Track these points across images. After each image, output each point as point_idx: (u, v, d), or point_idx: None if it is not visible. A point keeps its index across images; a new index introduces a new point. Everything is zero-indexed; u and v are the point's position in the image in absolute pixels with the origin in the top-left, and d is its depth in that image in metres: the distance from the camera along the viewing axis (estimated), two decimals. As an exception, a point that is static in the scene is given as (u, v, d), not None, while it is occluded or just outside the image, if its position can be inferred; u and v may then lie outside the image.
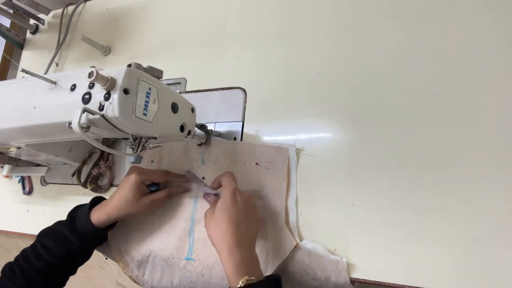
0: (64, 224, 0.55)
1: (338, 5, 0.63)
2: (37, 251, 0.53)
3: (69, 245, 0.53)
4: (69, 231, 0.54)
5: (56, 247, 0.53)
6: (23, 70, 0.45)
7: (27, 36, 0.99)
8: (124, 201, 0.54)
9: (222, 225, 0.47)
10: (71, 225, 0.54)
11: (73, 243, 0.53)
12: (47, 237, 0.54)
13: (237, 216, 0.47)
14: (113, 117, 0.41)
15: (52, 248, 0.53)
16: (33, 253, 0.53)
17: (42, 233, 0.56)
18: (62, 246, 0.53)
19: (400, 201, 0.49)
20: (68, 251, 0.53)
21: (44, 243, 0.53)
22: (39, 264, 0.52)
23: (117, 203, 0.54)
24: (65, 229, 0.54)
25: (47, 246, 0.53)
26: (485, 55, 0.51)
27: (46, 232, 0.56)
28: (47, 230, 0.56)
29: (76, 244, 0.53)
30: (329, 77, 0.59)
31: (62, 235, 0.54)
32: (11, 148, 0.64)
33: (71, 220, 0.55)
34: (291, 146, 0.56)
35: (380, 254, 0.48)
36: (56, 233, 0.54)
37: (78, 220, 0.55)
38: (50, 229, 0.56)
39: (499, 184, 0.46)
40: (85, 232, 0.54)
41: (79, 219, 0.55)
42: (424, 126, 0.51)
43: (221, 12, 0.74)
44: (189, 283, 0.56)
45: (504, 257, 0.43)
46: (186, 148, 0.63)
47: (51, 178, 0.77)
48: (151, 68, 0.48)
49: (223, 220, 0.47)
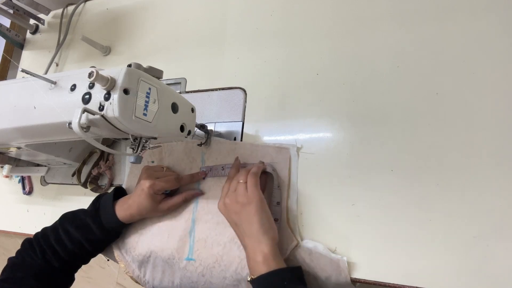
0: (88, 213, 0.56)
1: (338, 5, 0.63)
2: (58, 234, 0.54)
3: (91, 235, 0.54)
4: (92, 222, 0.54)
5: (77, 235, 0.54)
6: (23, 70, 0.45)
7: (27, 36, 0.99)
8: (144, 208, 0.56)
9: (251, 209, 0.47)
10: (95, 216, 0.55)
11: (95, 233, 0.54)
12: (70, 223, 0.55)
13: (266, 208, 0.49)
14: (113, 117, 0.41)
15: (73, 234, 0.54)
16: (53, 235, 0.54)
17: (65, 217, 0.56)
18: (83, 235, 0.54)
19: (400, 201, 0.49)
20: (88, 240, 0.54)
21: (66, 228, 0.54)
22: (58, 248, 0.53)
23: (139, 209, 0.55)
24: (89, 218, 0.55)
25: (69, 232, 0.54)
26: (485, 55, 0.51)
27: (69, 217, 0.56)
28: (71, 215, 0.57)
29: (98, 235, 0.54)
30: (329, 77, 0.59)
31: (85, 223, 0.55)
32: (11, 148, 0.64)
33: (95, 210, 0.56)
34: (292, 146, 0.56)
35: (380, 254, 0.48)
36: (80, 220, 0.55)
37: (103, 212, 0.56)
38: (74, 214, 0.57)
39: (499, 184, 0.46)
40: (108, 225, 0.55)
41: (104, 211, 0.56)
42: (424, 126, 0.51)
43: (221, 12, 0.74)
44: (190, 283, 0.56)
45: (504, 257, 0.43)
46: (186, 148, 0.63)
47: (51, 178, 0.77)
48: (151, 68, 0.48)
49: (254, 206, 0.47)
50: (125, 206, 0.56)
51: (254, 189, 0.49)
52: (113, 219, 0.55)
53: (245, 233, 0.47)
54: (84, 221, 0.55)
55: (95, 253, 0.59)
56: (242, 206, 0.48)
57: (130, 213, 0.55)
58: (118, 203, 0.57)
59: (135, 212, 0.55)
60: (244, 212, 0.47)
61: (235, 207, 0.49)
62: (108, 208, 0.56)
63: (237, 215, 0.48)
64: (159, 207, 0.57)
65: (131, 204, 0.56)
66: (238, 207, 0.48)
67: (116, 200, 0.57)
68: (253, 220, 0.47)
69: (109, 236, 0.58)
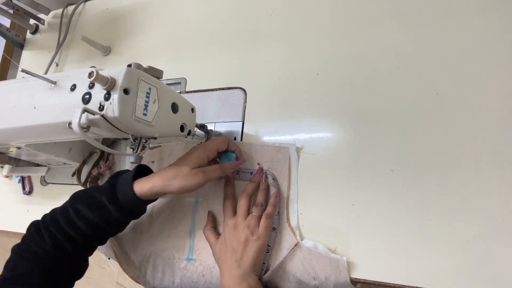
0: (102, 190, 0.49)
1: (338, 5, 0.63)
2: (69, 216, 0.48)
3: (106, 214, 0.48)
4: (108, 199, 0.48)
5: (91, 215, 0.48)
6: (23, 70, 0.45)
7: (27, 36, 0.99)
8: (175, 171, 0.49)
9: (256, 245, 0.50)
10: (111, 193, 0.48)
11: (110, 212, 0.48)
12: (81, 202, 0.49)
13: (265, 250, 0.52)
14: (113, 117, 0.41)
15: (87, 215, 0.48)
16: (64, 218, 0.48)
17: (76, 197, 0.50)
18: (97, 215, 0.48)
19: (400, 201, 0.49)
20: (104, 220, 0.48)
21: (77, 208, 0.48)
22: (70, 231, 0.48)
23: (166, 173, 0.49)
24: (104, 196, 0.48)
25: (81, 212, 0.48)
26: (485, 55, 0.51)
27: (80, 196, 0.50)
28: (82, 194, 0.50)
29: (114, 214, 0.48)
30: (329, 77, 0.59)
31: (99, 202, 0.48)
32: (11, 148, 0.64)
33: (111, 187, 0.49)
34: (291, 145, 0.56)
35: (380, 254, 0.48)
36: (92, 199, 0.49)
37: (119, 188, 0.49)
38: (86, 193, 0.50)
39: (499, 184, 0.46)
40: (124, 202, 0.48)
41: (120, 187, 0.49)
42: (424, 126, 0.51)
43: (221, 12, 0.74)
44: (190, 283, 0.56)
45: (504, 257, 0.43)
46: (186, 148, 0.63)
47: (51, 178, 0.77)
48: (151, 68, 0.48)
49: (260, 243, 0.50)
50: (145, 178, 0.49)
51: (266, 230, 0.50)
52: (129, 195, 0.48)
53: (237, 263, 0.48)
54: (97, 199, 0.48)
55: (115, 232, 0.53)
56: (248, 238, 0.49)
57: (150, 181, 0.48)
58: (139, 178, 0.50)
59: (156, 180, 0.48)
60: (249, 245, 0.49)
61: (242, 235, 0.50)
62: (125, 183, 0.49)
63: (238, 243, 0.50)
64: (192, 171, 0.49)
65: (154, 173, 0.50)
66: (245, 237, 0.49)
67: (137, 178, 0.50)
68: (251, 256, 0.48)
69: (127, 215, 0.51)
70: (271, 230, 0.52)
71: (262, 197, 0.53)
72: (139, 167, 0.53)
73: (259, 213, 0.51)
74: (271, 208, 0.52)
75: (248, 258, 0.48)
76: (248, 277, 0.48)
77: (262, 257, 0.50)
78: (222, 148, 0.54)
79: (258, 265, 0.50)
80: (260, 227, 0.50)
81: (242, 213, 0.52)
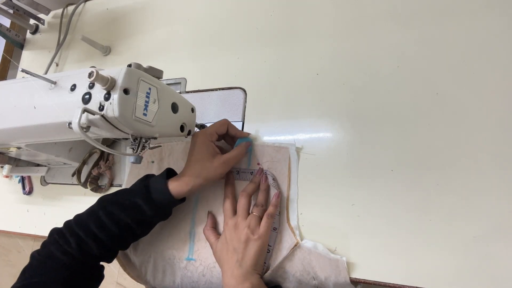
0: (135, 191, 0.51)
1: (338, 5, 0.63)
2: (100, 218, 0.48)
3: (140, 214, 0.49)
4: (143, 199, 0.49)
5: (123, 215, 0.48)
6: (23, 70, 0.45)
7: (27, 36, 0.99)
8: (199, 165, 0.51)
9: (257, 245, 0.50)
10: (146, 193, 0.50)
11: (144, 212, 0.49)
12: (112, 204, 0.50)
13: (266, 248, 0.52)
14: (113, 117, 0.42)
15: (119, 215, 0.48)
16: (93, 220, 0.48)
17: (105, 199, 0.51)
18: (130, 215, 0.49)
19: (400, 201, 0.49)
20: (136, 220, 0.49)
21: (108, 210, 0.49)
22: (101, 234, 0.48)
23: (193, 169, 0.51)
24: (138, 196, 0.49)
25: (113, 213, 0.48)
26: (485, 55, 0.51)
27: (110, 199, 0.51)
28: (111, 196, 0.51)
29: (148, 214, 0.49)
30: (329, 77, 0.59)
31: (133, 203, 0.49)
32: (11, 148, 0.64)
33: (145, 187, 0.50)
34: (291, 145, 0.56)
35: (380, 254, 0.48)
36: (124, 200, 0.50)
37: (154, 188, 0.50)
38: (116, 195, 0.51)
39: (499, 184, 0.46)
40: (159, 201, 0.50)
41: (154, 187, 0.50)
42: (424, 126, 0.51)
43: (221, 12, 0.74)
44: (191, 283, 0.56)
45: (504, 257, 0.43)
46: (186, 148, 0.63)
47: (51, 178, 0.77)
48: (151, 68, 0.48)
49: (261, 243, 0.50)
50: (177, 178, 0.51)
51: (267, 230, 0.50)
52: (165, 194, 0.49)
53: (238, 263, 0.48)
54: (133, 200, 0.49)
55: (141, 235, 0.53)
56: (249, 237, 0.49)
57: (184, 181, 0.50)
58: (170, 179, 0.51)
59: (188, 177, 0.50)
60: (250, 244, 0.49)
61: (243, 234, 0.49)
62: (160, 183, 0.50)
63: (239, 243, 0.49)
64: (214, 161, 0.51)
65: (182, 172, 0.51)
66: (246, 236, 0.49)
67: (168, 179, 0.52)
68: (252, 256, 0.48)
69: (160, 215, 0.52)
70: (272, 230, 0.52)
71: (262, 198, 0.53)
72: (169, 169, 0.55)
73: (259, 213, 0.52)
74: (273, 208, 0.52)
75: (249, 257, 0.48)
76: (250, 276, 0.48)
77: (263, 257, 0.50)
78: (221, 131, 0.55)
79: (260, 265, 0.50)
80: (261, 227, 0.50)
81: (242, 213, 0.52)
